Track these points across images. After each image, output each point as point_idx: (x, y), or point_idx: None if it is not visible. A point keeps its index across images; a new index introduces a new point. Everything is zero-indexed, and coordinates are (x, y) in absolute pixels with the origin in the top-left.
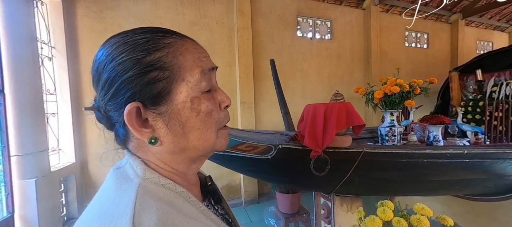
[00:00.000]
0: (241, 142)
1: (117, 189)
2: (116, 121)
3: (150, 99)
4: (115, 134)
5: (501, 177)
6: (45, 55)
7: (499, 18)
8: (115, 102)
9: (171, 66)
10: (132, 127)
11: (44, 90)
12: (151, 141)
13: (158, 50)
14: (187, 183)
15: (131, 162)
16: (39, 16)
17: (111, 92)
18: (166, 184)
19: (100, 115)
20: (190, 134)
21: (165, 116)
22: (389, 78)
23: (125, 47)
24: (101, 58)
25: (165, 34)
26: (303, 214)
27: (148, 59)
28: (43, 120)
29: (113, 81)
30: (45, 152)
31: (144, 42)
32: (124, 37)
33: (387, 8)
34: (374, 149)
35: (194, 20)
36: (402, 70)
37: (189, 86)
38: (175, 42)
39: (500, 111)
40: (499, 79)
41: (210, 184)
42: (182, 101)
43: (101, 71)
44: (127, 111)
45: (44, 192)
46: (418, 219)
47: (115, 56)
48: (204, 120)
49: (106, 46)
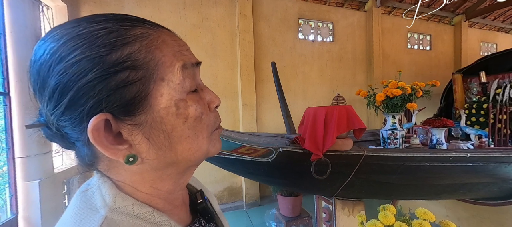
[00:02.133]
0: (242, 144)
1: (75, 224)
2: (76, 139)
3: (121, 108)
4: (76, 154)
5: (506, 181)
6: None
7: (503, 19)
8: (71, 117)
9: (145, 63)
10: (100, 146)
11: None
12: (128, 159)
13: (127, 45)
14: (171, 205)
15: (100, 184)
16: (44, 20)
17: (64, 103)
18: (142, 213)
19: (49, 132)
20: (179, 145)
21: (144, 127)
22: (391, 80)
23: (78, 41)
24: (44, 57)
25: (133, 22)
26: (305, 217)
27: (113, 56)
28: None
29: (65, 88)
30: (49, 153)
31: (105, 34)
32: (74, 28)
33: (389, 10)
34: (375, 152)
35: (197, 23)
36: (404, 72)
37: (171, 87)
38: (148, 33)
39: (504, 113)
40: (503, 82)
41: (201, 202)
42: (165, 107)
43: (46, 76)
44: (92, 126)
45: (48, 193)
46: (420, 223)
47: (64, 54)
48: (194, 126)
49: (49, 41)
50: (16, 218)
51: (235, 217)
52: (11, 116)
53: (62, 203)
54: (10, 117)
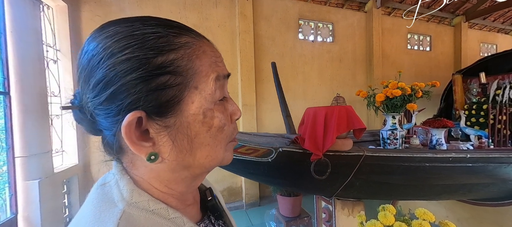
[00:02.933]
0: (242, 144)
1: (95, 218)
2: (105, 128)
3: (155, 108)
4: (103, 141)
5: (506, 181)
6: (50, 58)
7: (503, 20)
8: (108, 108)
9: (185, 71)
10: (129, 140)
11: (49, 92)
12: (150, 157)
13: (172, 51)
14: (184, 204)
15: (118, 179)
16: (45, 20)
17: (105, 94)
18: (157, 209)
19: (81, 116)
20: (198, 151)
21: (172, 129)
22: (391, 81)
23: (131, 41)
24: (97, 50)
25: (181, 30)
26: (304, 218)
27: (159, 60)
28: (48, 121)
29: (110, 82)
30: (49, 153)
31: (155, 38)
32: (130, 27)
33: (389, 11)
34: (375, 153)
35: (197, 23)
36: (405, 73)
37: (203, 96)
38: (192, 43)
39: (504, 114)
40: (503, 82)
41: (210, 199)
42: (194, 113)
43: (95, 67)
44: (127, 121)
45: (47, 193)
46: (420, 224)
47: (116, 51)
48: (215, 135)
49: (103, 35)
50: (15, 218)
51: (235, 217)
52: (11, 115)
53: (62, 202)
54: (10, 116)
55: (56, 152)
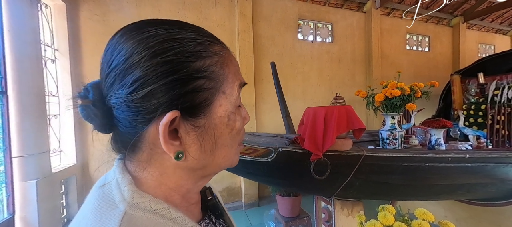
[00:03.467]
0: None
1: (97, 220)
2: (127, 125)
3: (190, 109)
4: (115, 138)
5: (504, 181)
6: (48, 57)
7: (500, 21)
8: (142, 106)
9: (217, 76)
10: (163, 138)
11: (47, 92)
12: (178, 155)
13: (208, 58)
14: (187, 202)
15: (119, 179)
16: (43, 19)
17: (142, 93)
18: (159, 209)
19: (94, 111)
20: (218, 151)
21: (201, 130)
22: (390, 81)
23: (173, 44)
24: (137, 50)
25: (213, 39)
26: (304, 218)
27: (198, 64)
28: (45, 121)
29: (150, 80)
30: (46, 153)
31: (195, 44)
32: (170, 31)
33: (388, 11)
34: (375, 153)
35: (196, 23)
36: (403, 73)
37: (229, 100)
38: (223, 52)
39: (503, 115)
40: (501, 83)
41: (211, 198)
42: (220, 116)
43: (134, 65)
44: (167, 119)
45: (45, 193)
46: (420, 224)
47: (159, 52)
48: (234, 137)
49: (144, 35)
50: (12, 218)
51: (234, 217)
52: (8, 115)
53: (59, 203)
54: (7, 116)
55: (54, 152)
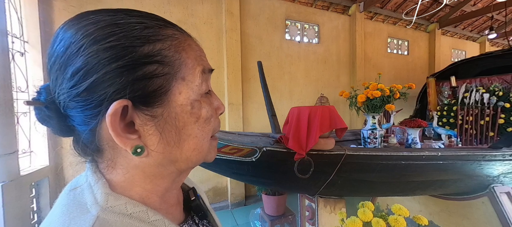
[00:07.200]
0: (226, 144)
1: (64, 226)
2: (81, 123)
3: (142, 98)
4: (75, 141)
5: (471, 177)
6: (16, 50)
7: (471, 29)
8: (88, 98)
9: (172, 61)
10: (114, 131)
11: (15, 87)
12: (136, 150)
13: (159, 41)
14: (166, 203)
15: (91, 182)
16: (10, 8)
17: (86, 83)
18: (135, 213)
19: (48, 113)
20: (185, 143)
21: (159, 120)
22: (371, 82)
23: (115, 29)
24: (76, 37)
25: (166, 23)
26: (289, 216)
27: (146, 49)
28: (13, 119)
29: (92, 70)
30: (14, 154)
31: (141, 28)
32: (113, 16)
33: (371, 15)
34: (356, 151)
35: (182, 19)
36: (384, 75)
37: (190, 87)
38: (178, 35)
39: (471, 115)
40: (470, 86)
41: (194, 199)
42: (181, 104)
43: (74, 54)
44: (113, 110)
45: (12, 197)
46: (396, 219)
47: (99, 38)
48: (203, 126)
49: (83, 23)
50: None
51: (220, 217)
52: None
53: (29, 207)
54: None
55: (23, 152)
